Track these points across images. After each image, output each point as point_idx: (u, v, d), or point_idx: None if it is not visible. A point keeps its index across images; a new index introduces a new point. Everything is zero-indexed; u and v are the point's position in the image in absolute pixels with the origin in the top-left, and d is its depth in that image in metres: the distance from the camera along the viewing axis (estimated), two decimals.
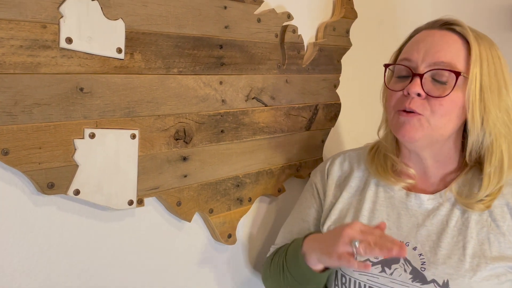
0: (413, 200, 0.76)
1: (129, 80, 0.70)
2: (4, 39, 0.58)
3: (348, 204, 0.81)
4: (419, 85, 0.69)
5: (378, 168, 0.79)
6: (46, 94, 0.62)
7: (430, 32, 0.72)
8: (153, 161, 0.74)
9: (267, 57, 0.89)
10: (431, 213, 0.74)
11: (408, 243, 0.73)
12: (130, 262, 0.77)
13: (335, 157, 0.87)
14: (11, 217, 0.63)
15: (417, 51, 0.71)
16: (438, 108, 0.69)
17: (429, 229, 0.73)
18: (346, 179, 0.83)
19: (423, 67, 0.70)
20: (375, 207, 0.78)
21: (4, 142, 0.59)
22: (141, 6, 0.70)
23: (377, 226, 0.67)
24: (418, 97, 0.69)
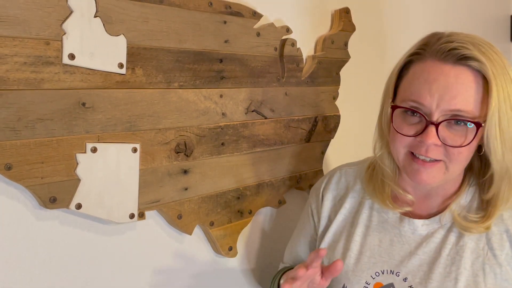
0: (407, 225, 0.72)
1: (130, 95, 0.71)
2: (8, 56, 0.59)
3: (341, 227, 0.78)
4: (435, 135, 0.63)
5: (375, 191, 0.75)
6: (49, 110, 0.63)
7: (443, 69, 0.63)
8: (154, 175, 0.75)
9: (267, 70, 0.90)
10: (425, 240, 0.70)
11: (399, 273, 0.70)
12: (131, 275, 0.77)
13: (332, 175, 0.83)
14: (14, 231, 0.64)
15: (430, 94, 0.63)
16: (457, 156, 0.64)
17: (421, 258, 0.70)
18: (341, 199, 0.80)
19: (438, 114, 0.63)
20: (368, 232, 0.75)
21: (7, 157, 0.60)
22: (142, 22, 0.71)
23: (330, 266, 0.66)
24: (434, 145, 0.64)
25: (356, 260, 0.74)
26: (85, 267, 0.71)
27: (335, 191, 0.81)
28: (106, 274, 0.73)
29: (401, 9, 1.26)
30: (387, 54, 1.21)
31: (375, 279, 0.71)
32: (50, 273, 0.67)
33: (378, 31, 1.19)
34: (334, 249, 0.77)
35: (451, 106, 0.62)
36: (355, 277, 0.73)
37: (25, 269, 0.65)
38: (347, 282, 0.73)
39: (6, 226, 0.63)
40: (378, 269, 0.72)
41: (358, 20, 1.06)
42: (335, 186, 0.81)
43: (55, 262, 0.68)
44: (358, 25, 1.06)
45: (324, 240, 0.78)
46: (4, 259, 0.63)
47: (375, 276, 0.71)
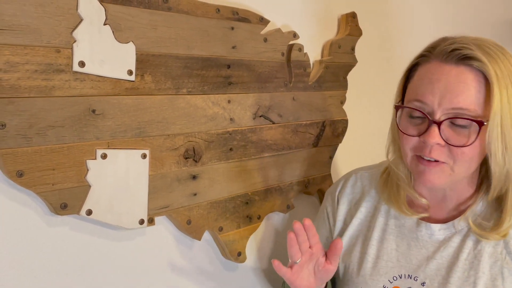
0: (424, 230, 0.72)
1: (139, 101, 0.71)
2: (20, 64, 0.59)
3: (357, 231, 0.78)
4: (438, 134, 0.63)
5: (390, 196, 0.75)
6: (60, 117, 0.63)
7: (444, 69, 0.64)
8: (163, 180, 0.75)
9: (274, 75, 0.91)
10: (442, 244, 0.70)
11: (417, 278, 0.70)
12: (142, 280, 0.77)
13: (347, 179, 0.83)
14: (25, 238, 0.64)
15: (432, 94, 0.63)
16: (461, 157, 0.64)
17: (439, 262, 0.70)
18: (357, 203, 0.80)
19: (440, 113, 0.63)
20: (384, 236, 0.75)
21: (19, 164, 0.60)
22: (150, 29, 0.71)
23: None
24: (437, 145, 0.64)
25: (374, 264, 0.74)
26: (95, 272, 0.71)
27: (351, 194, 0.81)
28: (116, 280, 0.74)
29: (407, 13, 1.26)
30: (394, 58, 1.21)
31: (392, 283, 0.71)
32: (60, 279, 0.68)
33: (385, 35, 1.19)
34: (350, 253, 0.77)
35: (453, 105, 0.62)
36: (373, 281, 0.73)
37: (36, 274, 0.65)
38: (365, 286, 0.73)
39: (18, 232, 0.63)
40: (396, 273, 0.72)
41: (365, 25, 1.07)
42: (350, 189, 0.82)
43: (66, 267, 0.68)
44: (365, 30, 1.06)
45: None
46: (15, 265, 0.64)
47: (392, 280, 0.72)
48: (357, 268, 0.75)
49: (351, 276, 0.76)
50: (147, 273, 0.78)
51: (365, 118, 1.16)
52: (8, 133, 0.59)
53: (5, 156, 0.59)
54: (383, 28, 1.19)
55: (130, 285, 0.76)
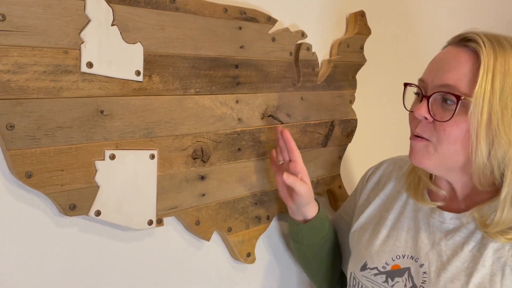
0: (437, 217, 0.74)
1: (147, 102, 0.71)
2: (28, 65, 0.60)
3: (377, 211, 0.82)
4: (425, 107, 0.66)
5: (411, 185, 0.79)
6: (68, 118, 0.63)
7: (447, 50, 0.69)
8: (171, 181, 0.75)
9: (282, 75, 0.90)
10: (450, 233, 0.72)
11: (418, 259, 0.72)
12: (150, 281, 0.77)
13: (384, 162, 0.89)
14: (34, 238, 0.64)
15: (429, 71, 0.69)
16: (443, 134, 0.65)
17: (443, 249, 0.71)
18: (384, 184, 0.84)
19: (430, 88, 0.67)
20: (400, 218, 0.78)
21: (28, 165, 0.60)
22: (158, 30, 0.71)
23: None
24: (426, 121, 0.67)
25: (382, 242, 0.77)
26: (104, 273, 0.71)
27: (381, 177, 0.86)
28: (125, 280, 0.74)
29: (417, 11, 1.24)
30: (404, 57, 1.20)
31: (394, 261, 0.74)
32: (69, 280, 0.68)
33: (394, 34, 1.18)
34: (366, 229, 0.82)
35: (441, 81, 0.65)
36: (377, 256, 0.76)
37: (45, 275, 0.66)
38: (369, 260, 0.77)
39: (27, 233, 0.64)
40: (400, 253, 0.74)
41: (373, 23, 1.05)
42: (382, 172, 0.87)
43: (75, 268, 0.68)
44: (374, 28, 1.05)
45: (359, 219, 0.84)
46: (24, 266, 0.64)
47: (395, 258, 0.74)
48: (367, 244, 0.79)
49: (360, 249, 0.80)
50: (156, 273, 0.77)
51: (374, 118, 1.14)
52: (17, 134, 0.59)
53: (14, 157, 0.59)
54: (393, 26, 1.18)
55: (139, 286, 0.75)
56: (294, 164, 0.83)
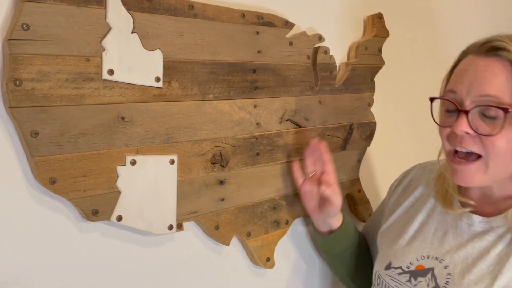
0: (465, 220, 0.74)
1: (167, 108, 0.72)
2: (52, 73, 0.61)
3: (405, 212, 0.82)
4: (466, 123, 0.64)
5: (439, 193, 0.78)
6: (90, 124, 0.64)
7: (474, 60, 0.67)
8: (191, 186, 0.76)
9: (300, 79, 0.90)
10: (478, 236, 0.71)
11: (443, 260, 0.71)
12: (170, 286, 0.77)
13: (416, 165, 0.89)
14: (58, 243, 0.65)
15: (461, 83, 0.66)
16: (492, 148, 0.63)
17: (469, 252, 0.70)
18: (414, 188, 0.84)
19: (468, 102, 0.65)
20: (427, 220, 0.78)
21: (51, 171, 0.61)
22: (177, 36, 0.72)
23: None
24: (468, 135, 0.65)
25: (408, 242, 0.77)
26: (126, 278, 0.72)
27: (412, 180, 0.86)
28: (145, 285, 0.74)
29: (435, 12, 1.23)
30: (423, 59, 1.18)
31: (419, 261, 0.73)
32: (91, 284, 0.69)
33: (413, 36, 1.17)
34: (392, 230, 0.82)
35: (479, 92, 0.63)
36: (402, 256, 0.76)
37: (68, 280, 0.67)
38: (394, 260, 0.76)
39: (51, 238, 0.65)
40: (425, 253, 0.74)
41: (392, 25, 1.05)
42: (412, 176, 0.88)
43: (97, 273, 0.69)
44: (392, 30, 1.05)
45: (388, 221, 0.84)
46: (48, 271, 0.65)
47: (420, 259, 0.74)
48: (392, 243, 0.79)
49: (386, 249, 0.80)
50: (176, 278, 0.78)
51: (393, 120, 1.13)
52: (41, 141, 0.60)
53: (38, 163, 0.60)
54: (411, 28, 1.16)
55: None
56: (328, 176, 0.84)
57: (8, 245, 0.61)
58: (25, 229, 0.63)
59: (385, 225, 0.85)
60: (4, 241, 0.61)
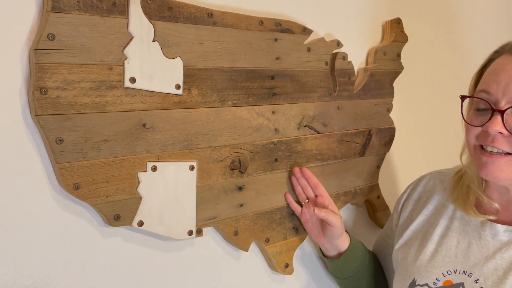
0: (488, 230, 0.72)
1: (187, 114, 0.73)
2: (76, 81, 0.62)
3: (421, 226, 0.80)
4: (501, 123, 0.63)
5: (459, 197, 0.76)
6: (112, 131, 0.66)
7: (510, 60, 0.66)
8: (210, 192, 0.76)
9: (318, 85, 0.90)
10: (505, 246, 0.69)
11: (472, 274, 0.69)
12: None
13: (423, 177, 0.87)
14: (81, 248, 0.67)
15: (497, 83, 0.65)
16: None
17: (498, 263, 0.68)
18: (426, 200, 0.82)
19: (504, 102, 0.64)
20: (447, 233, 0.76)
21: (75, 177, 0.63)
22: (197, 44, 0.73)
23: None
24: (500, 135, 0.65)
25: (431, 257, 0.74)
26: (146, 282, 0.73)
27: (422, 192, 0.84)
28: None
29: (454, 17, 1.22)
30: (442, 64, 1.17)
31: (446, 277, 0.71)
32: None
33: (431, 40, 1.16)
34: (410, 245, 0.79)
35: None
36: (427, 272, 0.73)
37: (91, 283, 0.68)
38: (418, 277, 0.74)
39: (74, 242, 0.66)
40: (451, 268, 0.71)
41: (410, 30, 1.04)
42: (422, 188, 0.84)
43: (119, 277, 0.70)
44: (411, 35, 1.04)
45: (402, 237, 0.81)
46: (72, 274, 0.66)
47: (446, 274, 0.72)
48: (414, 259, 0.76)
49: (407, 266, 0.77)
50: (195, 283, 0.78)
51: (413, 126, 1.12)
52: (66, 148, 0.62)
53: (63, 169, 0.62)
54: (430, 33, 1.15)
55: None
56: (321, 198, 0.84)
57: (34, 249, 0.63)
58: (50, 234, 0.64)
59: (400, 241, 0.82)
60: (31, 245, 0.63)
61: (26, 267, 0.62)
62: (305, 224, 0.86)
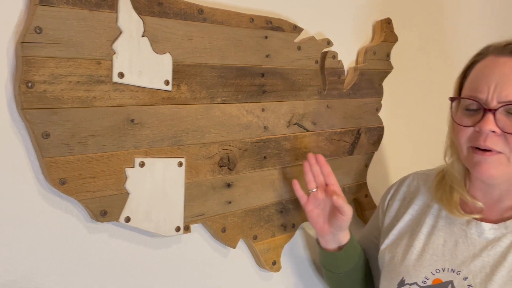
0: (474, 228, 0.73)
1: (176, 111, 0.73)
2: (63, 75, 0.62)
3: (407, 226, 0.81)
4: (493, 121, 0.65)
5: (443, 197, 0.76)
6: (100, 126, 0.65)
7: (499, 61, 0.67)
8: (198, 188, 0.76)
9: (308, 83, 0.90)
10: (491, 243, 0.70)
11: (460, 272, 0.70)
12: (177, 287, 0.78)
13: (406, 177, 0.87)
14: (68, 244, 0.66)
15: (487, 84, 0.66)
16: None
17: (485, 260, 0.70)
18: (410, 201, 0.83)
19: (495, 102, 0.65)
20: (433, 231, 0.76)
21: (62, 172, 0.62)
22: (186, 40, 0.73)
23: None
24: (493, 134, 0.66)
25: (418, 256, 0.75)
26: (133, 278, 0.72)
27: (406, 193, 0.84)
28: (153, 286, 0.75)
29: (444, 18, 1.23)
30: (431, 64, 1.18)
31: (434, 275, 0.72)
32: (99, 284, 0.69)
33: (421, 41, 1.17)
34: (397, 245, 0.79)
35: (507, 92, 0.64)
36: (415, 271, 0.74)
37: (77, 279, 0.67)
38: (406, 276, 0.74)
39: (61, 238, 0.66)
40: (439, 266, 0.72)
41: (400, 31, 1.05)
42: (406, 188, 0.85)
43: (105, 273, 0.70)
44: (401, 36, 1.05)
45: (388, 236, 0.81)
46: (59, 270, 0.66)
47: (435, 272, 0.72)
48: (401, 259, 0.77)
49: (394, 265, 0.77)
50: (182, 280, 0.78)
51: (401, 125, 1.13)
52: (52, 143, 0.61)
53: (49, 164, 0.61)
54: (419, 33, 1.16)
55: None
56: (333, 186, 0.81)
57: (18, 244, 0.62)
58: (35, 229, 0.63)
59: (386, 241, 0.82)
60: (15, 240, 0.62)
61: (11, 262, 0.62)
62: (310, 213, 0.82)
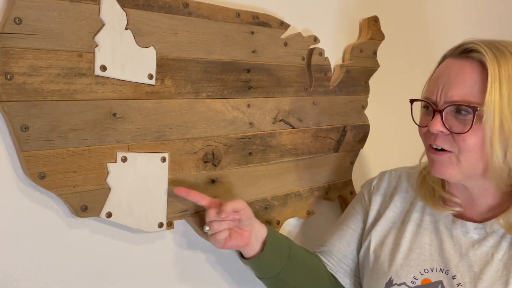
0: (459, 227, 0.73)
1: (159, 105, 0.72)
2: (43, 68, 0.61)
3: (391, 223, 0.80)
4: (440, 122, 0.67)
5: (426, 194, 0.77)
6: (81, 120, 0.64)
7: (450, 63, 0.70)
8: (182, 184, 0.75)
9: (294, 79, 0.90)
10: (477, 243, 0.71)
11: (448, 271, 0.71)
12: (160, 283, 0.77)
13: (385, 172, 0.87)
14: (47, 239, 0.65)
15: (437, 86, 0.69)
16: (463, 145, 0.66)
17: (472, 260, 0.70)
18: (391, 196, 0.83)
19: (442, 102, 0.68)
20: (419, 230, 0.77)
21: (41, 166, 0.61)
22: (171, 34, 0.72)
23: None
24: (442, 133, 0.68)
25: (406, 256, 0.75)
26: (115, 275, 0.72)
27: (387, 188, 0.84)
28: (135, 282, 0.74)
29: (431, 17, 1.23)
30: (417, 62, 1.19)
31: (423, 275, 0.72)
32: (80, 279, 0.68)
33: (407, 39, 1.17)
34: (383, 244, 0.79)
35: (451, 93, 0.67)
36: (403, 271, 0.74)
37: (57, 274, 0.66)
38: (395, 276, 0.74)
39: (40, 233, 0.64)
40: (428, 266, 0.73)
41: (387, 29, 1.05)
42: (387, 184, 0.85)
43: (86, 269, 0.69)
44: (388, 34, 1.05)
45: (371, 233, 0.81)
46: (38, 265, 0.64)
47: (424, 272, 0.73)
48: (389, 259, 0.77)
49: (381, 265, 0.77)
50: (166, 276, 0.78)
51: (387, 123, 1.13)
52: (31, 136, 0.60)
53: (28, 158, 0.60)
54: (406, 32, 1.17)
55: (148, 287, 0.76)
56: (213, 202, 0.73)
57: None
58: (14, 224, 0.62)
59: (372, 240, 0.79)
60: None
61: None
62: (226, 241, 0.73)
